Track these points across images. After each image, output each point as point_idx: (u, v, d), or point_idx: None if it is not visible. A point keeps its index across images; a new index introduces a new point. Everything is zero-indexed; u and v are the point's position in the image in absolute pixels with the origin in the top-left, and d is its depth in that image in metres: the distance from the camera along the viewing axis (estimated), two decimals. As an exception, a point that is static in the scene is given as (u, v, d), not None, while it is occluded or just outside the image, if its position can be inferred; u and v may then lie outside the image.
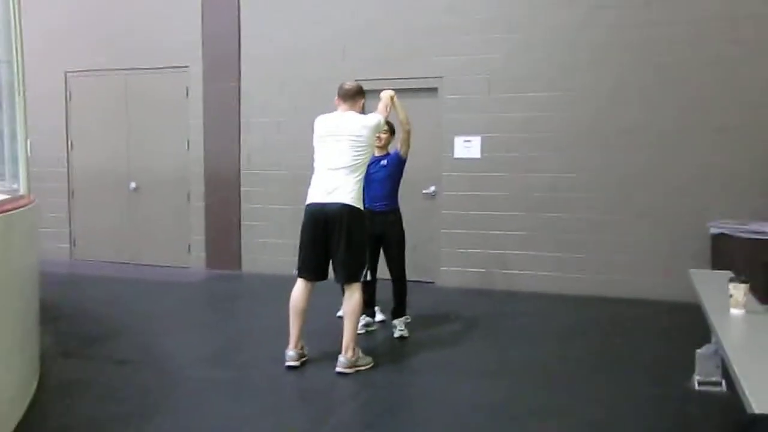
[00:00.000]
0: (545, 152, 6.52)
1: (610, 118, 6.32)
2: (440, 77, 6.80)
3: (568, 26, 6.40)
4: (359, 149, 4.12)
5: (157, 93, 7.93)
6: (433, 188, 6.95)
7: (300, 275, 4.20)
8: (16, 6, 3.98)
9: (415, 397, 3.80)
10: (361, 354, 4.18)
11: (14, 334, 3.35)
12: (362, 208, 4.16)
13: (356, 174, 4.12)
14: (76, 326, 5.26)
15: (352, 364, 4.07)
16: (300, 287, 4.18)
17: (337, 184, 4.06)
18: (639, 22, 6.18)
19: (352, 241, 4.05)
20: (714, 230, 5.67)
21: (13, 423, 3.16)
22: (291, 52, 7.35)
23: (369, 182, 4.90)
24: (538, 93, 6.51)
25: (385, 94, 4.51)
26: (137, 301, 6.24)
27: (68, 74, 8.28)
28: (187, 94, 7.78)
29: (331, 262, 4.16)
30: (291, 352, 4.14)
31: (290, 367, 4.09)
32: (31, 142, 4.27)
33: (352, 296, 4.14)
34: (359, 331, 4.95)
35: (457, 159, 6.78)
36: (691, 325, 4.51)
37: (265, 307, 5.73)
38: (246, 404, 3.56)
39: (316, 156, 4.21)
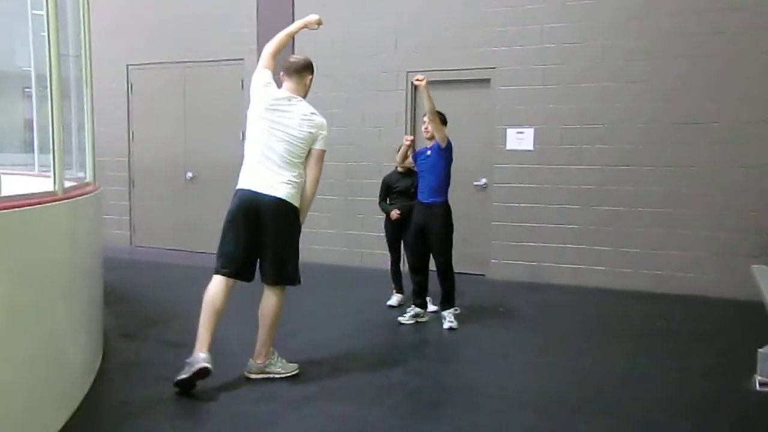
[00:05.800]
0: (599, 144, 6.37)
1: (667, 110, 6.12)
2: (493, 68, 6.73)
3: (626, 16, 6.22)
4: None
5: (213, 85, 8.14)
6: (484, 180, 6.90)
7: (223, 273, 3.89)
8: (86, 3, 4.16)
9: (462, 389, 3.80)
10: (279, 360, 3.85)
11: (82, 314, 3.52)
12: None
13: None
14: (135, 309, 5.48)
15: (260, 370, 3.77)
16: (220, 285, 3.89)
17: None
18: (705, 7, 5.94)
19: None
20: (780, 227, 5.44)
21: (80, 397, 3.33)
22: (343, 45, 7.40)
23: (419, 173, 5.01)
24: (593, 84, 6.36)
25: None
26: (193, 287, 6.33)
27: (130, 67, 8.59)
28: (243, 86, 7.94)
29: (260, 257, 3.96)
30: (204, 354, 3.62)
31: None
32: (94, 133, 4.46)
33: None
34: (408, 321, 4.99)
35: (510, 151, 6.71)
36: (754, 323, 4.34)
37: (315, 295, 5.82)
38: (294, 390, 3.63)
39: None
